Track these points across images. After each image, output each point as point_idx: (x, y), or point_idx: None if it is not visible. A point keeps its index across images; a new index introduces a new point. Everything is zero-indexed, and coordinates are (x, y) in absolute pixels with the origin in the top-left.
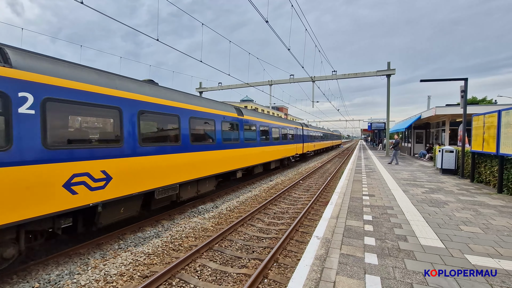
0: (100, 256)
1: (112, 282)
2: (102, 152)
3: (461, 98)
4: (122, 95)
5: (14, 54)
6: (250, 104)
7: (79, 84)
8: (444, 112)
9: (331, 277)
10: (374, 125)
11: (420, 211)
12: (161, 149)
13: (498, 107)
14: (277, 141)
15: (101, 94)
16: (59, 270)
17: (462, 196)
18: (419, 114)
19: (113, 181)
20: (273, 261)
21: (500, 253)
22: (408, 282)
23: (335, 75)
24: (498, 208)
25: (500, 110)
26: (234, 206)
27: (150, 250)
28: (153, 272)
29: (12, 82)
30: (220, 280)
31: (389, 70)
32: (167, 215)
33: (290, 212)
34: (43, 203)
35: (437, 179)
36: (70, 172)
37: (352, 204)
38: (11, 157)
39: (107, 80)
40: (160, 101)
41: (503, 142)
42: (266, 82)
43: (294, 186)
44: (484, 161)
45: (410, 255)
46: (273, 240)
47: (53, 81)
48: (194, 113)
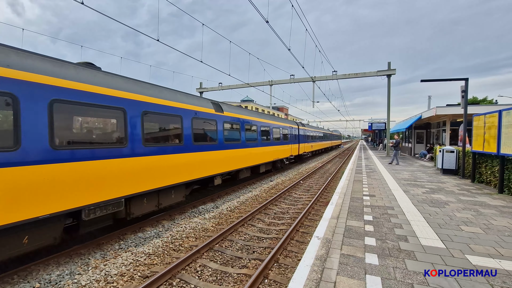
0: (101, 256)
1: (112, 282)
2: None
3: (462, 98)
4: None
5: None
6: (251, 104)
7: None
8: (445, 112)
9: (331, 277)
10: (375, 125)
11: (420, 211)
12: (94, 154)
13: (499, 107)
14: (267, 141)
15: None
16: (59, 270)
17: (462, 196)
18: (419, 114)
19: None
20: (273, 261)
21: (501, 253)
22: (409, 283)
23: (336, 75)
24: (499, 208)
25: (501, 110)
26: (235, 206)
27: (150, 250)
28: (153, 272)
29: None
30: (221, 280)
31: (390, 70)
32: (167, 215)
33: (291, 212)
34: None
35: (438, 179)
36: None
37: (352, 204)
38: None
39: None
40: (80, 86)
41: (504, 142)
42: (266, 82)
43: (294, 186)
44: (485, 161)
45: (410, 255)
46: (274, 240)
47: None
48: (149, 107)
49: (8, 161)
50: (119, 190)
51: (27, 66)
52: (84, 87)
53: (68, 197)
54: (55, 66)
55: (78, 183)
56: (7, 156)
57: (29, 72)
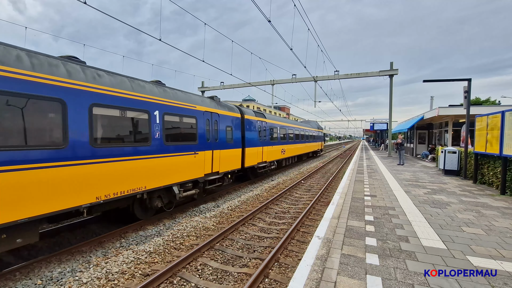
0: (102, 254)
1: (113, 280)
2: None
3: (464, 98)
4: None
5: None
6: (252, 104)
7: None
8: (447, 112)
9: (332, 277)
10: (376, 125)
11: (422, 212)
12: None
13: (502, 108)
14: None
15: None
16: (61, 267)
17: (464, 197)
18: (421, 115)
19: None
20: (274, 261)
21: (502, 254)
22: (410, 283)
23: (338, 75)
24: (501, 209)
25: (503, 111)
26: (236, 206)
27: (151, 249)
28: (154, 271)
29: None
30: (221, 279)
31: (392, 70)
32: (168, 214)
33: (292, 212)
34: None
35: (440, 180)
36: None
37: (353, 204)
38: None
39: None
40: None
41: (507, 143)
42: (268, 82)
43: (295, 186)
44: (487, 162)
45: (411, 256)
46: (274, 239)
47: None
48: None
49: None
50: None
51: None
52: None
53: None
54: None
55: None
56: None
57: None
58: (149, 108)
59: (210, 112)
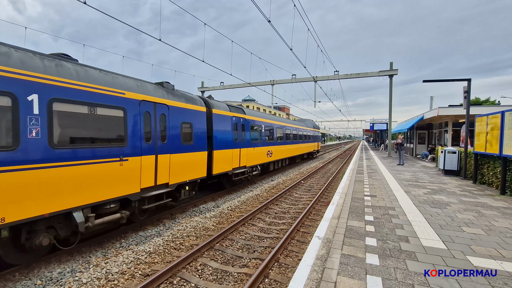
0: (102, 255)
1: (113, 280)
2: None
3: (464, 99)
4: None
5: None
6: (252, 104)
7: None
8: (447, 112)
9: (332, 277)
10: (376, 125)
11: (422, 212)
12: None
13: (502, 108)
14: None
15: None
16: (61, 268)
17: (464, 197)
18: (421, 115)
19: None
20: (274, 261)
21: (502, 254)
22: (410, 283)
23: (337, 75)
24: (501, 209)
25: (503, 111)
26: (235, 206)
27: (151, 249)
28: (154, 271)
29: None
30: (221, 279)
31: (392, 70)
32: (168, 214)
33: (291, 212)
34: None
35: (439, 180)
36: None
37: (353, 204)
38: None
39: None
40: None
41: (507, 143)
42: (268, 82)
43: (295, 186)
44: (487, 162)
45: (411, 256)
46: (274, 240)
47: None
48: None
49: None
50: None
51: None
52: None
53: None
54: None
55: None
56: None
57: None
58: (14, 90)
59: (153, 102)
